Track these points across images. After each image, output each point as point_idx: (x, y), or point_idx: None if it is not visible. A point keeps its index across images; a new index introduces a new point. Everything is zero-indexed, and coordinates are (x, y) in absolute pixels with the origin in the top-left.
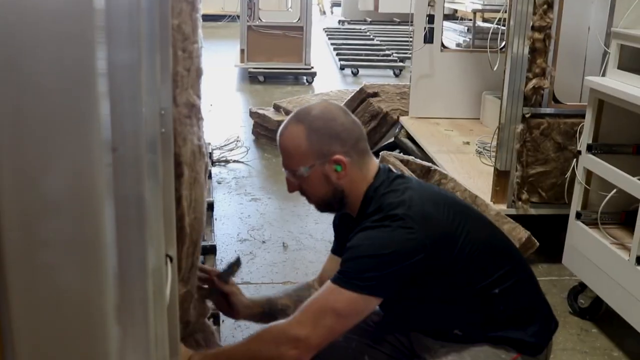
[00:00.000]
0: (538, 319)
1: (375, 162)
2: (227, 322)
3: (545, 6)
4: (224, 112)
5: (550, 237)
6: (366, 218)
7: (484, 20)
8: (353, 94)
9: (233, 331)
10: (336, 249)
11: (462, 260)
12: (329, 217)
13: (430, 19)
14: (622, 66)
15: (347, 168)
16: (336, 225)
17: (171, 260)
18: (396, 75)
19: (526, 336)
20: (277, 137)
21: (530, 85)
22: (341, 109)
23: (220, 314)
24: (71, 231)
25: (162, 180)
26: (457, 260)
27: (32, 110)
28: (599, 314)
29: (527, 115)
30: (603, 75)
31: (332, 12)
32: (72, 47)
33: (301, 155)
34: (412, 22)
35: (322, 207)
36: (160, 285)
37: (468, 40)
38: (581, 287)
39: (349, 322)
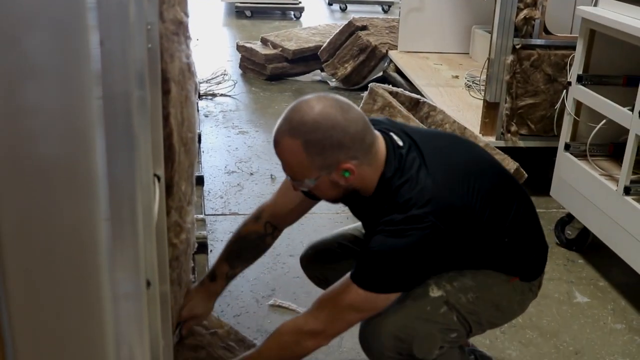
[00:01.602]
0: (536, 249)
1: (381, 145)
2: (215, 252)
3: None
4: (211, 46)
5: (538, 170)
6: (383, 212)
7: None
8: (342, 27)
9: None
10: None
11: (480, 227)
12: None
13: None
14: None
15: (355, 171)
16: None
17: (159, 179)
18: (385, 12)
19: (526, 265)
20: (273, 146)
21: (522, 15)
22: (339, 106)
23: None
24: (63, 127)
25: (149, 95)
26: (476, 230)
27: None
28: (585, 245)
29: (517, 47)
30: (595, 5)
31: None
32: None
33: (304, 169)
34: None
35: (334, 202)
36: (149, 203)
37: None
38: (568, 219)
39: (366, 314)
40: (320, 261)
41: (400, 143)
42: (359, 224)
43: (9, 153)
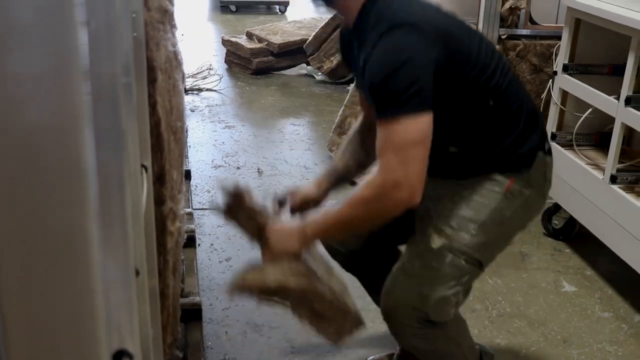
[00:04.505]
0: (527, 118)
1: None
2: (202, 246)
3: None
4: (196, 41)
5: None
6: (368, 32)
7: None
8: (327, 20)
9: (209, 254)
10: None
11: (468, 63)
12: (304, 144)
13: None
14: None
15: None
16: (345, 55)
17: (146, 170)
18: None
19: (517, 146)
20: None
21: (507, 5)
22: None
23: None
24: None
25: (135, 84)
26: (463, 62)
27: None
28: (572, 235)
29: (503, 37)
30: None
31: None
32: None
33: None
34: None
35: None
36: (137, 194)
37: None
38: (555, 209)
39: (427, 144)
40: None
41: None
42: None
43: None
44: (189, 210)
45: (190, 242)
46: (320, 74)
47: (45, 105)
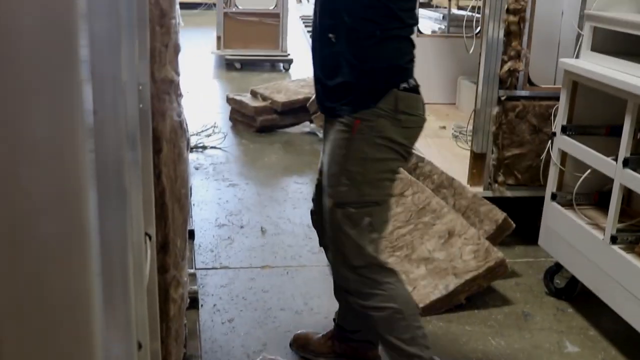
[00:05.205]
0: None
1: None
2: (205, 307)
3: None
4: (201, 99)
5: (526, 219)
6: None
7: (459, 8)
8: None
9: (212, 315)
10: None
11: None
12: (307, 202)
13: None
14: (595, 48)
15: None
16: None
17: (150, 238)
18: None
19: (374, 82)
20: None
21: (506, 67)
22: None
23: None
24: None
25: (140, 155)
26: None
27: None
28: (574, 294)
29: (502, 98)
30: (577, 57)
31: (308, 1)
32: (55, 21)
33: None
34: None
35: None
36: (140, 263)
37: (444, 27)
38: (557, 268)
39: None
40: None
41: None
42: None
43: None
44: (192, 271)
45: (193, 303)
46: (321, 132)
47: (49, 172)
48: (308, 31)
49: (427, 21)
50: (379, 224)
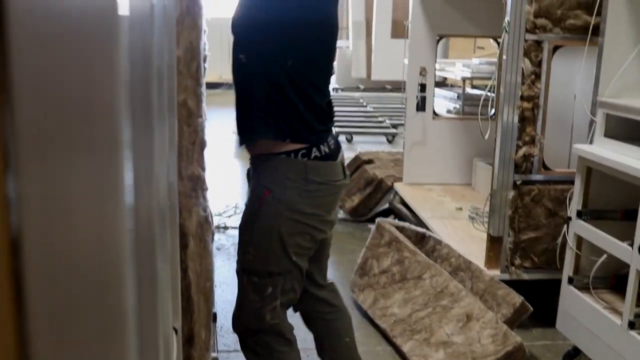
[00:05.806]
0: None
1: None
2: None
3: (533, 76)
4: (222, 179)
5: (543, 301)
6: None
7: (473, 87)
8: (349, 161)
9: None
10: None
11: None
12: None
13: (422, 87)
14: (608, 134)
15: None
16: None
17: (176, 332)
18: (389, 142)
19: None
20: None
21: (521, 152)
22: None
23: None
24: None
25: (169, 252)
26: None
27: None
28: None
29: (518, 182)
30: (590, 143)
31: None
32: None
33: None
34: (404, 89)
35: None
36: (169, 356)
37: (458, 107)
38: (575, 352)
39: None
40: None
41: None
42: None
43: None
44: (214, 355)
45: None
46: (342, 212)
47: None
48: None
49: (442, 100)
50: (284, 292)
